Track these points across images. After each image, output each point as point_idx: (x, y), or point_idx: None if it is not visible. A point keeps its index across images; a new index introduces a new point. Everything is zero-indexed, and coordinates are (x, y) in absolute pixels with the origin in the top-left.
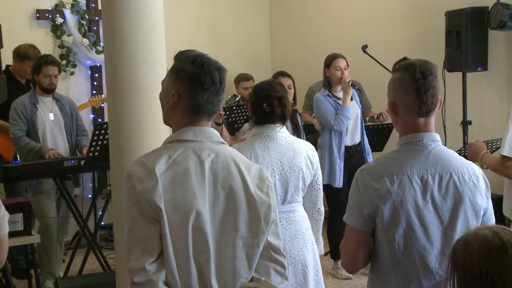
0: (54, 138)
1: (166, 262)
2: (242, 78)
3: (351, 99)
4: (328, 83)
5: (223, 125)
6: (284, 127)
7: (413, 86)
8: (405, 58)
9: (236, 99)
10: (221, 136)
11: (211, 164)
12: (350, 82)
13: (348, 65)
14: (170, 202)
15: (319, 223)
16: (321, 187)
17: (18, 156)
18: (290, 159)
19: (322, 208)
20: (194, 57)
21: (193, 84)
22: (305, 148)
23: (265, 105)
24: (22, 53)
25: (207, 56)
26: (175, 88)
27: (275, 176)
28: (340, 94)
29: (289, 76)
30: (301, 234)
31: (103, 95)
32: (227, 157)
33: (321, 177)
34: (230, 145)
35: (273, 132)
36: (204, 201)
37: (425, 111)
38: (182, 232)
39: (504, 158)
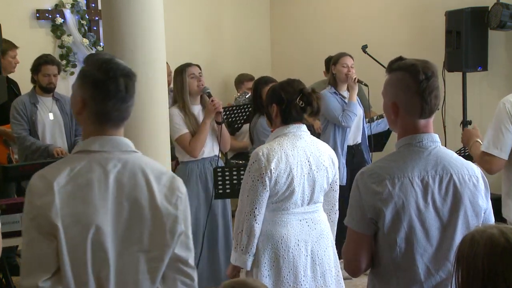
0: (54, 138)
1: (63, 279)
2: (245, 79)
3: None
4: (334, 81)
5: (223, 124)
6: (305, 126)
7: (416, 88)
8: (400, 58)
9: (246, 96)
10: (221, 135)
11: (116, 175)
12: (356, 79)
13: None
14: (69, 216)
15: (335, 224)
16: (338, 188)
17: (11, 157)
18: (316, 158)
19: (338, 209)
20: (101, 61)
21: (97, 91)
22: (327, 148)
23: (300, 101)
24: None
25: (115, 61)
26: (80, 93)
27: (304, 176)
28: (345, 93)
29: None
30: (326, 234)
31: None
32: (135, 167)
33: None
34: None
35: (299, 131)
36: (106, 215)
37: (428, 112)
38: (81, 247)
39: (483, 153)
